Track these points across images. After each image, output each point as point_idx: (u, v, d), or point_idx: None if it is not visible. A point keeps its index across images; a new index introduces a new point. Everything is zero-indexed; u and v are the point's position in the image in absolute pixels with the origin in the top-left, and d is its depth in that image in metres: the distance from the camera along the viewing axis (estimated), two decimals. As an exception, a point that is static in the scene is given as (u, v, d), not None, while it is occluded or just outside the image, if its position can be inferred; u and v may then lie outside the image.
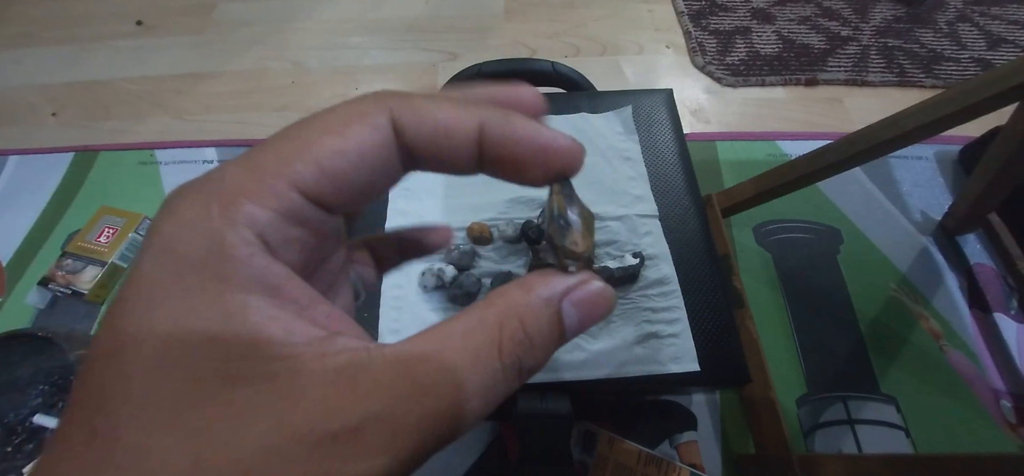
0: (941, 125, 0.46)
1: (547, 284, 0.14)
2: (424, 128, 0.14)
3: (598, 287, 0.15)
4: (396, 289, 0.45)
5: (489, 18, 1.05)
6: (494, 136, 0.14)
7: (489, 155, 0.14)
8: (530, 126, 0.14)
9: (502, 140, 0.14)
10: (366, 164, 0.13)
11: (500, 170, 0.15)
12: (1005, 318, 0.64)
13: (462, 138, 0.14)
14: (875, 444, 0.56)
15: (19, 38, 1.03)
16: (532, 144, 0.14)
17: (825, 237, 0.71)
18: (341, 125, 0.13)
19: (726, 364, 0.43)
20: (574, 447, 0.54)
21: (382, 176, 0.14)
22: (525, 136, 0.14)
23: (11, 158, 0.84)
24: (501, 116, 0.14)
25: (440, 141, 0.14)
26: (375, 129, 0.13)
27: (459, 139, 0.14)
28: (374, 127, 0.13)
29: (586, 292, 0.14)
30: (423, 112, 0.14)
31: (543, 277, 0.14)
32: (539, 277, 0.14)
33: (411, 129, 0.14)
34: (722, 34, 0.98)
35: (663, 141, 0.56)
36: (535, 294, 0.14)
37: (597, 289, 0.15)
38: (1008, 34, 0.97)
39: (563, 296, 0.14)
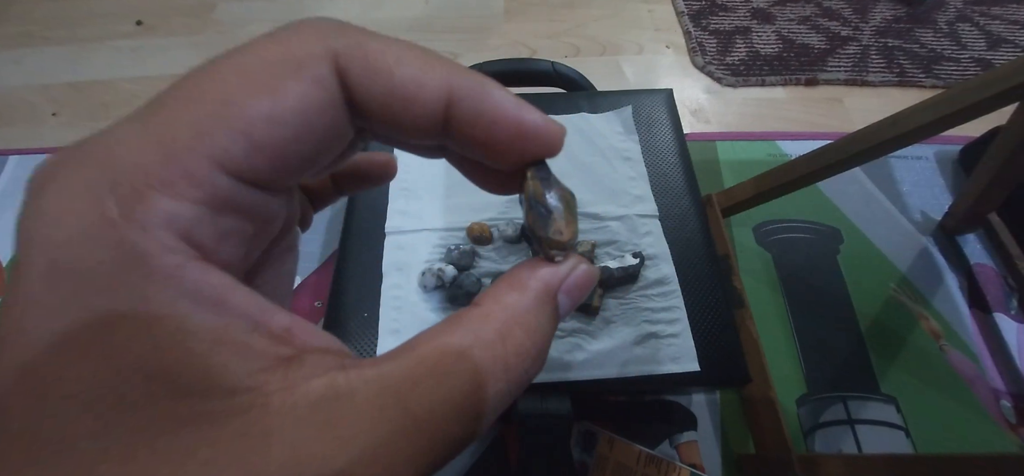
0: (941, 125, 0.46)
1: (541, 280, 0.13)
2: (378, 87, 0.11)
3: (585, 270, 0.14)
4: (396, 289, 0.45)
5: (489, 18, 1.05)
6: (465, 107, 0.12)
7: (457, 129, 0.12)
8: (509, 99, 0.12)
9: (475, 113, 0.12)
10: (309, 131, 0.10)
11: (466, 148, 0.12)
12: (1005, 318, 0.64)
13: (426, 105, 0.11)
14: (875, 444, 0.56)
15: (19, 38, 1.03)
16: (511, 121, 0.12)
17: (825, 237, 0.71)
18: (271, 78, 0.10)
19: (726, 364, 0.43)
20: (574, 447, 0.54)
21: (330, 143, 0.11)
22: (503, 111, 0.12)
23: (11, 158, 0.84)
24: (475, 82, 0.12)
25: (397, 106, 0.11)
26: (316, 84, 0.10)
27: (422, 106, 0.11)
28: (315, 81, 0.10)
29: (577, 279, 0.14)
30: (378, 65, 0.11)
31: (534, 272, 0.13)
32: (530, 273, 0.13)
33: (362, 86, 0.11)
34: (722, 34, 0.98)
35: (663, 141, 0.56)
36: (532, 294, 0.13)
37: (585, 273, 0.14)
38: (1008, 34, 0.97)
39: (558, 288, 0.13)
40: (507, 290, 0.13)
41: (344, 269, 0.47)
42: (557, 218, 0.14)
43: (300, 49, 0.10)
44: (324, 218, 0.72)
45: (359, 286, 0.46)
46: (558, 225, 0.14)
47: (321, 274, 0.67)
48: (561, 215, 0.14)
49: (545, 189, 0.14)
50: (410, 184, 0.51)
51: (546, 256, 0.14)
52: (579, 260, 0.14)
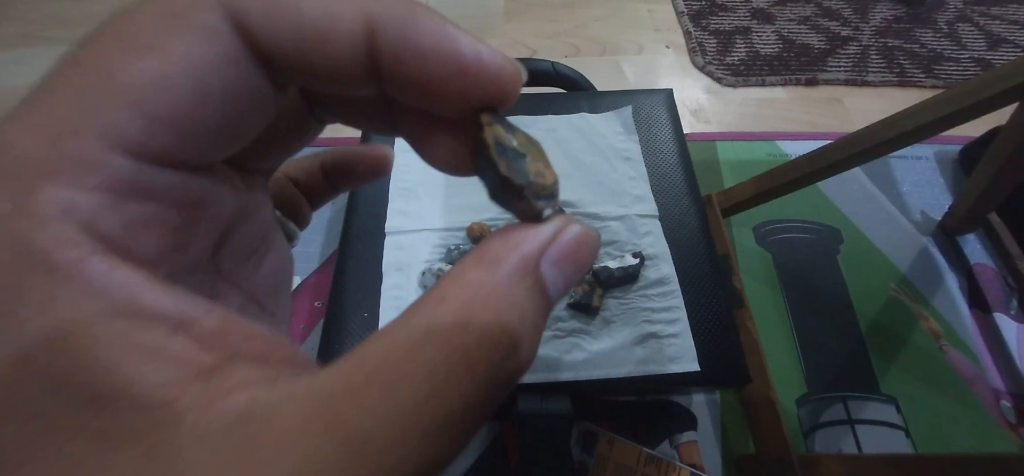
0: (941, 125, 0.46)
1: (515, 248, 0.10)
2: (284, 28, 0.09)
3: (577, 231, 0.11)
4: (396, 289, 0.45)
5: (489, 18, 1.05)
6: (389, 39, 0.10)
7: (387, 69, 0.10)
8: (440, 25, 0.10)
9: (400, 43, 0.10)
10: (211, 93, 0.09)
11: (402, 91, 0.10)
12: (1005, 318, 0.64)
13: (343, 41, 0.09)
14: (875, 444, 0.56)
15: (19, 38, 1.03)
16: (444, 51, 0.10)
17: (825, 237, 0.71)
18: (153, 38, 0.09)
19: (726, 364, 0.43)
20: (574, 447, 0.54)
21: (244, 106, 0.10)
22: (433, 38, 0.10)
23: (11, 158, 0.84)
24: (399, 8, 0.10)
25: (310, 48, 0.09)
26: (206, 37, 0.09)
27: (338, 43, 0.09)
28: (204, 34, 0.09)
29: (566, 242, 0.11)
30: (280, 3, 0.09)
31: (506, 240, 0.10)
32: (501, 241, 0.10)
33: (265, 31, 0.09)
34: (722, 34, 0.98)
35: (663, 141, 0.56)
36: (504, 269, 0.10)
37: (577, 234, 0.11)
38: (1008, 34, 0.97)
39: (539, 257, 0.10)
40: (472, 265, 0.10)
41: (344, 269, 0.47)
42: (532, 159, 0.11)
43: (180, 1, 0.09)
44: (324, 218, 0.72)
45: (359, 286, 0.46)
46: (537, 166, 0.11)
47: (321, 274, 0.67)
48: (536, 157, 0.11)
49: (508, 133, 0.11)
50: (410, 184, 0.51)
51: (531, 212, 0.11)
52: (568, 220, 0.11)
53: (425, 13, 0.10)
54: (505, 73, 0.10)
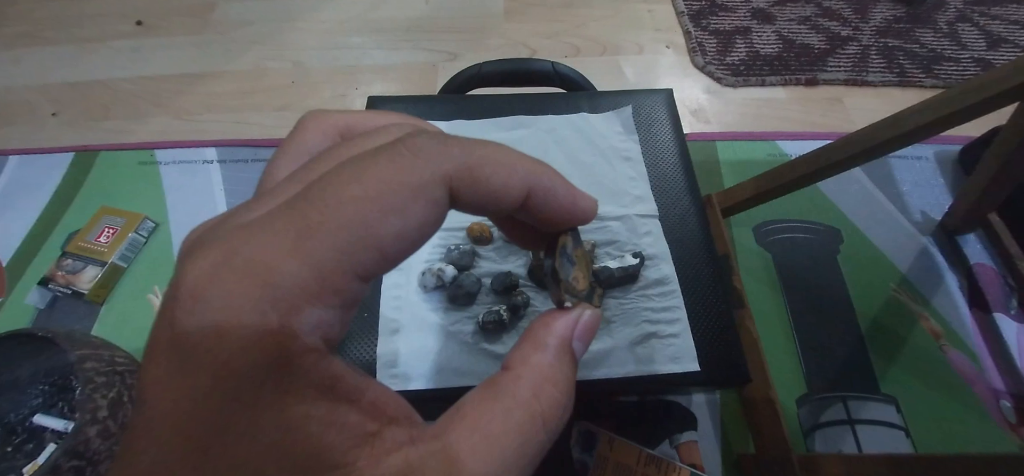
0: (941, 125, 0.46)
1: (558, 335, 0.15)
2: (478, 195, 0.13)
3: (592, 315, 0.16)
4: (396, 289, 0.45)
5: (489, 18, 1.05)
6: (539, 198, 0.15)
7: (528, 211, 0.15)
8: (570, 193, 0.15)
9: (546, 202, 0.15)
10: (422, 238, 0.13)
11: (529, 220, 0.15)
12: (1005, 318, 0.64)
13: (512, 202, 0.14)
14: (875, 444, 0.56)
15: (19, 38, 1.03)
16: (569, 207, 0.15)
17: (825, 237, 0.71)
18: (400, 203, 0.12)
19: (726, 364, 0.43)
20: (574, 447, 0.54)
21: (431, 236, 0.14)
22: (566, 203, 0.15)
23: (11, 158, 0.84)
24: (548, 180, 0.15)
25: (490, 205, 0.14)
26: (435, 205, 0.12)
27: (508, 203, 0.14)
28: (434, 203, 0.12)
29: (586, 324, 0.16)
30: (479, 178, 0.13)
31: (549, 329, 0.15)
32: (546, 330, 0.15)
33: (467, 195, 0.13)
34: (722, 34, 0.98)
35: (663, 141, 0.56)
36: (553, 350, 0.15)
37: (592, 316, 0.16)
38: (1008, 34, 0.97)
39: (572, 336, 0.15)
40: (532, 351, 0.15)
41: (344, 269, 0.47)
42: (577, 269, 0.17)
43: (420, 175, 0.12)
44: (324, 218, 0.72)
45: (359, 286, 0.46)
46: (577, 274, 0.17)
47: (321, 274, 0.67)
48: (581, 267, 0.17)
49: (574, 244, 0.17)
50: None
51: (559, 301, 0.17)
52: (586, 307, 0.17)
53: (559, 180, 0.15)
54: (591, 211, 0.16)
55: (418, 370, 0.41)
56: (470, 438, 0.12)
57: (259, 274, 0.10)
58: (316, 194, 0.12)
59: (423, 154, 0.13)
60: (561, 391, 0.14)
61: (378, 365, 0.42)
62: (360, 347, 0.43)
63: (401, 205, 0.12)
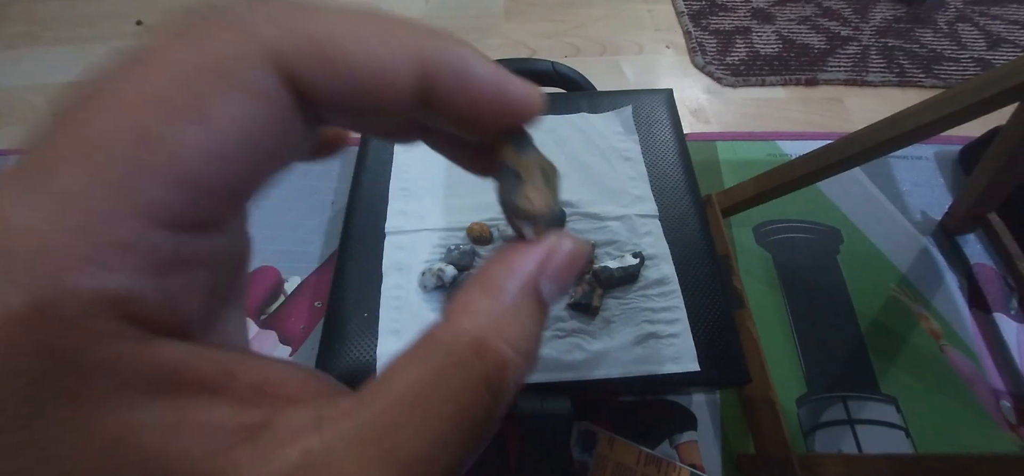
0: (941, 125, 0.46)
1: (515, 272, 0.11)
2: (337, 81, 0.09)
3: (569, 248, 0.12)
4: (396, 289, 0.45)
5: (489, 18, 1.05)
6: (446, 83, 0.10)
7: (436, 104, 0.10)
8: (492, 73, 0.11)
9: (457, 89, 0.10)
10: (258, 155, 0.09)
11: (441, 123, 0.11)
12: (1005, 318, 0.64)
13: (395, 89, 0.10)
14: (875, 444, 0.56)
15: (19, 38, 1.03)
16: (495, 94, 0.11)
17: (825, 237, 0.71)
18: (196, 98, 0.08)
19: (726, 364, 0.43)
20: (574, 447, 0.54)
21: (283, 154, 0.10)
22: (489, 88, 0.11)
23: (11, 158, 0.84)
24: (454, 55, 0.10)
25: (361, 96, 0.09)
26: (259, 98, 0.08)
27: (390, 91, 0.10)
28: (256, 94, 0.08)
29: (561, 260, 0.12)
30: (333, 53, 0.09)
31: (506, 265, 0.11)
32: (502, 267, 0.11)
33: (316, 83, 0.09)
34: (722, 34, 0.98)
35: (663, 141, 0.56)
36: (508, 295, 0.11)
37: (571, 250, 0.12)
38: (1008, 34, 0.97)
39: (538, 276, 0.11)
40: (479, 295, 0.11)
41: (344, 269, 0.47)
42: (527, 184, 0.12)
43: (226, 50, 0.08)
44: (324, 218, 0.72)
45: (359, 286, 0.46)
46: (526, 191, 0.12)
47: (321, 274, 0.67)
48: (534, 182, 0.12)
49: (518, 153, 0.12)
50: (410, 184, 0.51)
51: (517, 231, 0.12)
52: (561, 238, 0.12)
53: (477, 58, 0.11)
54: (529, 100, 0.11)
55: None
56: (393, 412, 0.09)
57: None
58: (72, 111, 0.08)
59: (228, 22, 0.08)
60: (514, 347, 0.10)
61: (378, 366, 0.42)
62: (360, 347, 0.43)
63: (198, 104, 0.08)
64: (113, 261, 0.07)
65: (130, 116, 0.08)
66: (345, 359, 0.42)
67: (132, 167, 0.08)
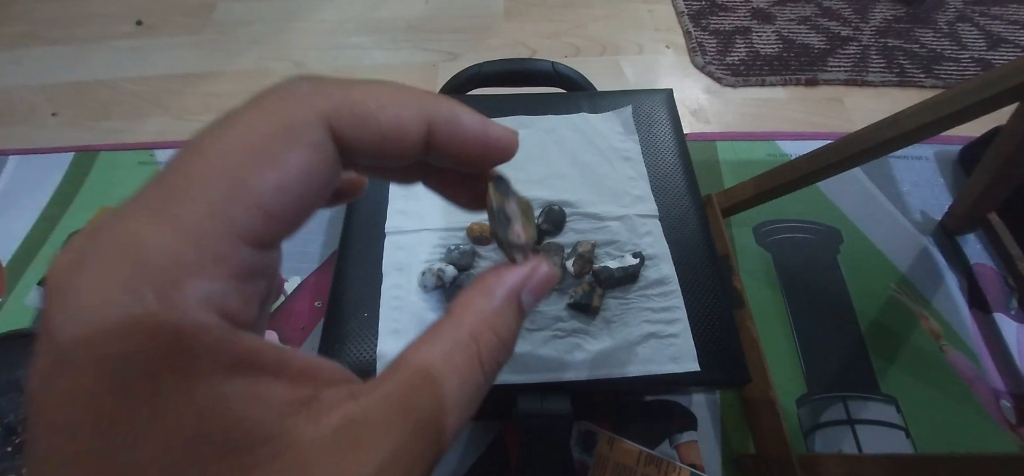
0: (941, 125, 0.46)
1: (505, 283, 0.15)
2: (367, 134, 0.12)
3: (547, 271, 0.16)
4: (396, 289, 0.45)
5: (489, 18, 1.05)
6: (442, 134, 0.14)
7: (435, 150, 0.14)
8: (477, 121, 0.15)
9: (450, 137, 0.14)
10: (312, 191, 0.12)
11: (441, 161, 0.15)
12: (1005, 318, 0.64)
13: (409, 139, 0.13)
14: (875, 444, 0.56)
15: (19, 38, 1.03)
16: (479, 138, 0.15)
17: (825, 237, 0.71)
18: (271, 149, 0.11)
19: (726, 364, 0.43)
20: (574, 447, 0.54)
21: (327, 191, 0.13)
22: (474, 133, 0.14)
23: (11, 158, 0.84)
24: (448, 111, 0.14)
25: (386, 146, 0.13)
26: (315, 149, 0.12)
27: (406, 140, 0.13)
28: (314, 146, 0.11)
29: (539, 279, 0.16)
30: (364, 114, 0.12)
31: (498, 277, 0.15)
32: (495, 278, 0.15)
33: (353, 136, 0.12)
34: (722, 34, 0.98)
35: (663, 141, 0.56)
36: (498, 297, 0.15)
37: (547, 273, 0.16)
38: (1008, 34, 0.97)
39: (521, 288, 0.15)
40: (476, 297, 0.15)
41: (344, 269, 0.47)
42: (515, 223, 0.16)
43: (293, 117, 0.11)
44: (324, 218, 0.72)
45: (359, 286, 0.46)
46: (516, 229, 0.16)
47: (321, 274, 0.67)
48: (519, 220, 0.16)
49: (504, 199, 0.16)
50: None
51: (509, 257, 0.16)
52: (541, 261, 0.16)
53: (464, 110, 0.14)
54: (511, 143, 0.15)
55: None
56: (411, 383, 0.12)
57: (127, 252, 0.09)
58: (181, 158, 0.11)
59: (293, 96, 0.12)
60: (501, 338, 0.14)
61: (378, 365, 0.42)
62: (360, 347, 0.43)
63: (274, 153, 0.11)
64: (215, 270, 0.10)
65: (225, 161, 0.11)
66: (345, 359, 0.42)
67: (227, 199, 0.10)
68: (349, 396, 0.12)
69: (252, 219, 0.11)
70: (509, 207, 0.16)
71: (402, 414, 0.12)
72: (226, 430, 0.10)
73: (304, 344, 0.61)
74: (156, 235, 0.10)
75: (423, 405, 0.12)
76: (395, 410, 0.12)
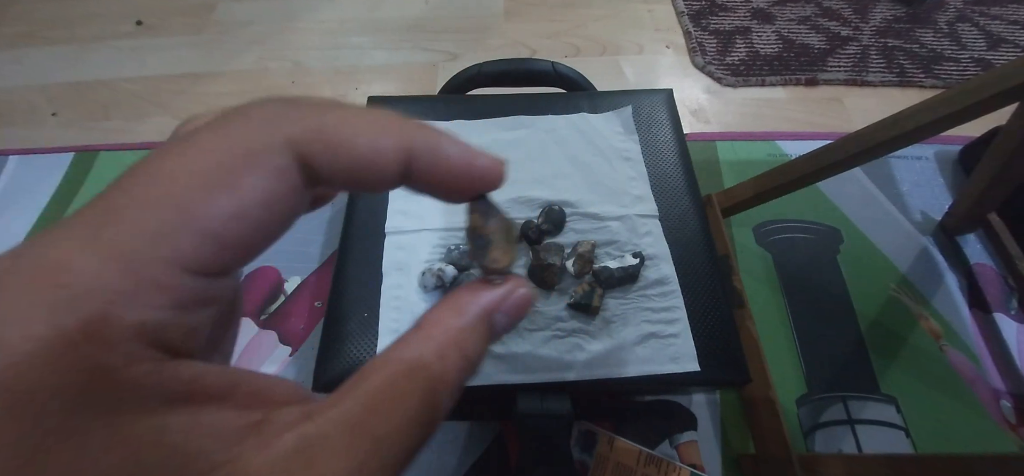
0: (941, 125, 0.46)
1: (478, 302, 0.14)
2: (341, 162, 0.12)
3: (523, 294, 0.15)
4: (396, 289, 0.45)
5: (489, 18, 1.05)
6: (423, 162, 0.13)
7: (416, 180, 0.13)
8: (461, 150, 0.14)
9: (432, 167, 0.13)
10: (272, 219, 0.11)
11: (422, 190, 0.14)
12: (1005, 318, 0.64)
13: (386, 168, 0.13)
14: (875, 444, 0.56)
15: (19, 38, 1.03)
16: (463, 168, 0.14)
17: (825, 237, 0.71)
18: (228, 174, 0.10)
19: (726, 364, 0.43)
20: (574, 447, 0.54)
21: (290, 217, 0.12)
22: (457, 161, 0.14)
23: (11, 158, 0.84)
24: (431, 141, 0.13)
25: (361, 174, 0.12)
26: (277, 175, 0.11)
27: (383, 170, 0.12)
28: (276, 172, 0.11)
29: (515, 301, 0.15)
30: (336, 142, 0.12)
31: (473, 295, 0.15)
32: (469, 296, 0.15)
33: (325, 165, 0.12)
34: (722, 34, 0.98)
35: (663, 141, 0.56)
36: (469, 316, 0.14)
37: (523, 296, 0.15)
38: (1008, 34, 0.97)
39: (494, 309, 0.15)
40: (447, 313, 0.14)
41: (344, 269, 0.47)
42: (494, 247, 0.15)
43: (256, 141, 0.11)
44: (324, 218, 0.72)
45: (359, 286, 0.46)
46: (494, 254, 0.16)
47: (321, 274, 0.67)
48: (498, 244, 0.16)
49: (484, 220, 0.15)
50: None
51: (487, 279, 0.16)
52: (518, 284, 0.15)
53: (446, 140, 0.14)
54: (497, 173, 0.14)
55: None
56: (371, 401, 0.11)
57: (49, 275, 0.09)
58: (125, 179, 0.10)
59: (258, 118, 0.11)
60: (467, 357, 0.13)
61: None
62: (360, 347, 0.43)
63: (230, 177, 0.10)
64: (149, 298, 0.09)
65: (174, 184, 0.10)
66: (345, 359, 0.42)
67: (170, 225, 0.10)
68: (304, 416, 0.11)
69: (199, 246, 0.10)
70: (489, 229, 0.16)
71: (360, 433, 0.11)
72: (162, 464, 0.09)
73: (304, 344, 0.61)
74: (84, 260, 0.09)
75: (383, 424, 0.11)
76: (353, 429, 0.11)
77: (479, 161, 0.14)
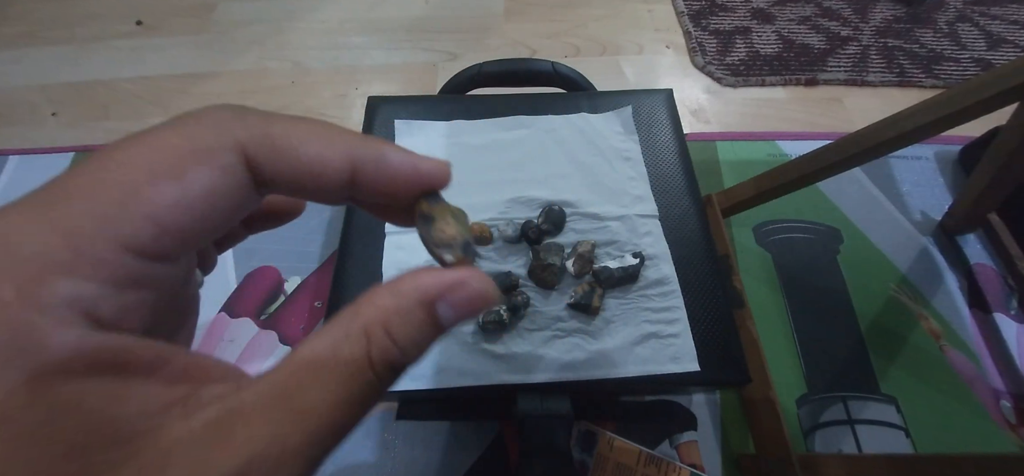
0: (941, 125, 0.46)
1: (417, 286, 0.13)
2: (285, 167, 0.12)
3: (476, 288, 0.14)
4: (396, 289, 0.45)
5: (489, 18, 1.05)
6: (368, 172, 0.14)
7: (362, 188, 0.14)
8: (405, 158, 0.14)
9: (376, 175, 0.14)
10: (215, 212, 0.12)
11: (371, 199, 0.14)
12: (1005, 318, 0.64)
13: (331, 177, 0.13)
14: (875, 444, 0.56)
15: (19, 38, 1.03)
16: (408, 173, 0.14)
17: (825, 237, 0.71)
18: (175, 166, 0.11)
19: (726, 364, 0.43)
20: (574, 447, 0.54)
21: (235, 213, 0.13)
22: (401, 168, 0.14)
23: (11, 158, 0.84)
24: (374, 151, 0.14)
25: (304, 181, 0.13)
26: (223, 171, 0.12)
27: (327, 179, 0.13)
28: (221, 169, 0.12)
29: (465, 294, 0.14)
30: (283, 147, 0.12)
31: (413, 278, 0.14)
32: (410, 278, 0.14)
33: (269, 167, 0.12)
34: (722, 34, 0.98)
35: (663, 141, 0.56)
36: (404, 299, 0.13)
37: (475, 291, 0.14)
38: (1008, 34, 0.97)
39: (438, 296, 0.13)
40: (382, 291, 0.13)
41: (344, 269, 0.47)
42: (438, 220, 0.15)
43: (205, 140, 0.12)
44: (324, 218, 0.72)
45: (359, 286, 0.46)
46: (439, 225, 0.15)
47: (321, 274, 0.67)
48: (445, 219, 0.15)
49: (431, 204, 0.16)
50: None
51: (438, 260, 0.15)
52: (474, 274, 0.14)
53: (391, 149, 0.14)
54: (442, 174, 0.15)
55: (419, 370, 0.41)
56: (296, 376, 0.12)
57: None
58: (80, 165, 0.11)
59: (210, 120, 0.12)
60: (397, 341, 0.13)
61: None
62: (360, 347, 0.43)
63: (177, 169, 0.11)
64: (86, 271, 0.10)
65: (123, 171, 0.11)
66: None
67: (115, 207, 0.10)
68: (232, 390, 0.11)
69: (141, 229, 0.10)
70: (436, 209, 0.15)
71: (283, 406, 0.11)
72: (80, 426, 0.09)
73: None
74: (28, 233, 0.10)
75: (305, 397, 0.11)
76: (275, 402, 0.11)
77: (423, 165, 0.15)
